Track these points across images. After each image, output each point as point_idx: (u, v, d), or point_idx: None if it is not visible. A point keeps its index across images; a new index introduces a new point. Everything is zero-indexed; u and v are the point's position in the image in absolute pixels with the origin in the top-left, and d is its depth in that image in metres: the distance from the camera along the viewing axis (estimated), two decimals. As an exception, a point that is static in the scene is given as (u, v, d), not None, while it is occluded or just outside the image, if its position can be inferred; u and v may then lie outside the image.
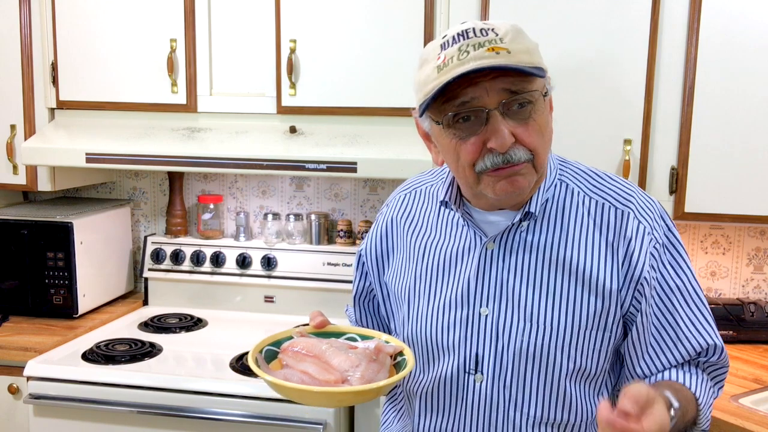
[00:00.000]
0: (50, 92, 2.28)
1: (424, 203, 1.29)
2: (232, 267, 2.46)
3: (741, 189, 1.95)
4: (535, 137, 1.07)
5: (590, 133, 1.97)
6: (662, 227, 1.17)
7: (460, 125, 1.07)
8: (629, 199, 1.16)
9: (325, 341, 1.08)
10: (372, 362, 1.04)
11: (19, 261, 2.30)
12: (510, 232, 1.16)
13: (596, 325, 1.13)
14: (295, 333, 1.12)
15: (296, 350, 1.07)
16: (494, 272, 1.16)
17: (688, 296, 1.16)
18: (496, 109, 1.04)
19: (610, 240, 1.14)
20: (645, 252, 1.13)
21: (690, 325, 1.16)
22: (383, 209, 1.36)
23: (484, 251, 1.17)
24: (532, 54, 1.06)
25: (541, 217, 1.16)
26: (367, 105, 2.09)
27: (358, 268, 1.37)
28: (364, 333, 1.15)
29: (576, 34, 1.95)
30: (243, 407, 1.82)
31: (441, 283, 1.21)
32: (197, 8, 2.17)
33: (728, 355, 1.22)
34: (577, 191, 1.18)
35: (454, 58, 1.03)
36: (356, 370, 1.01)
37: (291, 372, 1.03)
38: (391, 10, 2.05)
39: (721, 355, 1.18)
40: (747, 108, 1.92)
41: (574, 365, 1.14)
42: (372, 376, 1.01)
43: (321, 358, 1.04)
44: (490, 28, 1.05)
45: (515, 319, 1.14)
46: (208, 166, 2.10)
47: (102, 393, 1.88)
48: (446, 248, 1.22)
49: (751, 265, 2.32)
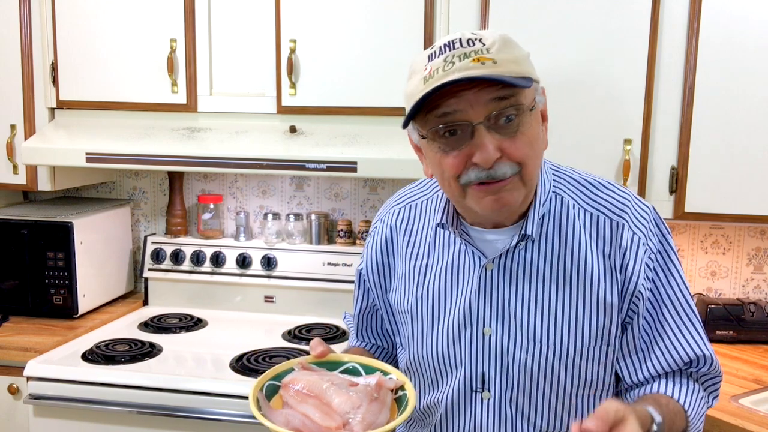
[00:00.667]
0: (50, 92, 2.28)
1: (420, 220, 1.27)
2: (232, 267, 2.46)
3: (741, 189, 1.94)
4: (524, 149, 1.04)
5: (590, 133, 1.97)
6: (656, 235, 1.16)
7: (446, 139, 1.05)
8: (624, 210, 1.15)
9: (326, 377, 1.06)
10: (373, 402, 1.02)
11: (19, 261, 2.30)
12: (508, 253, 1.15)
13: (599, 340, 1.13)
14: (296, 365, 1.10)
15: (297, 389, 1.05)
16: (495, 293, 1.15)
17: (679, 306, 1.15)
18: (482, 123, 1.02)
19: (607, 253, 1.13)
20: (640, 264, 1.12)
21: (679, 334, 1.14)
22: (377, 224, 1.33)
23: (484, 272, 1.16)
24: (520, 63, 1.03)
25: (538, 235, 1.15)
26: (367, 105, 2.09)
27: (359, 286, 1.35)
28: (365, 362, 1.12)
29: (576, 34, 1.94)
30: (243, 407, 1.81)
31: (442, 304, 1.20)
32: (197, 8, 2.17)
33: (720, 364, 1.20)
34: (572, 204, 1.16)
35: (440, 69, 1.01)
36: (357, 412, 1.00)
37: (293, 414, 1.01)
38: (391, 10, 2.04)
39: (712, 365, 1.16)
40: (747, 108, 1.91)
41: (579, 381, 1.14)
42: (373, 419, 0.99)
43: (322, 399, 1.02)
44: (477, 38, 1.03)
45: (518, 338, 1.14)
46: (208, 166, 2.10)
47: (102, 393, 1.88)
48: (446, 269, 1.20)
49: (751, 265, 2.32)
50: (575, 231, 1.14)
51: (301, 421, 0.99)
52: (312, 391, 1.03)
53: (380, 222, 1.33)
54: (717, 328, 2.13)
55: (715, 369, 1.17)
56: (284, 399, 1.05)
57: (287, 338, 2.21)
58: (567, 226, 1.15)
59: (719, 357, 1.99)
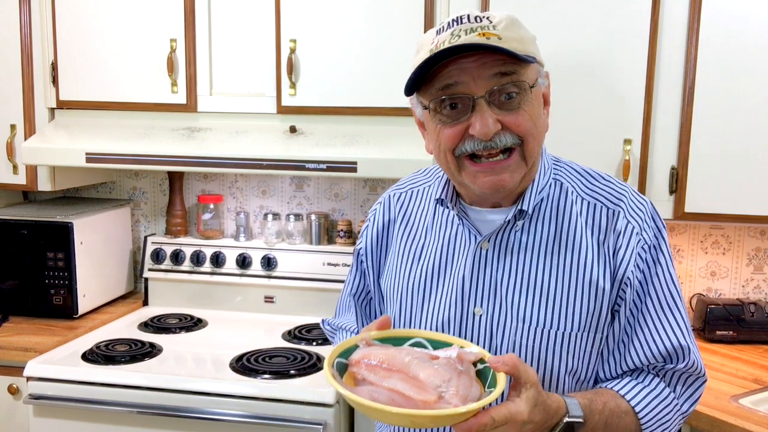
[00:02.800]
0: (50, 92, 2.28)
1: (419, 204, 1.28)
2: (232, 267, 2.46)
3: (741, 189, 1.94)
4: (525, 124, 1.06)
5: (590, 133, 1.97)
6: (652, 228, 1.16)
7: (447, 112, 1.06)
8: (621, 199, 1.16)
9: (403, 351, 1.00)
10: (462, 375, 0.96)
11: (19, 261, 2.30)
12: (504, 232, 1.15)
13: (588, 327, 1.13)
14: (360, 341, 1.05)
15: (374, 364, 0.98)
16: (488, 273, 1.15)
17: (663, 300, 1.14)
18: (483, 97, 1.04)
19: (601, 240, 1.14)
20: (631, 252, 1.12)
21: (659, 326, 1.13)
22: (376, 207, 1.35)
23: (479, 251, 1.16)
24: (525, 43, 1.05)
25: (535, 217, 1.16)
26: (367, 105, 2.09)
27: (356, 267, 1.36)
28: (431, 337, 1.08)
29: (576, 34, 1.94)
30: (243, 407, 1.81)
31: (435, 284, 1.20)
32: (197, 8, 2.17)
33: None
34: (571, 190, 1.17)
35: (446, 42, 1.03)
36: (448, 385, 0.93)
37: (376, 390, 0.94)
38: (391, 10, 2.05)
39: (689, 360, 1.13)
40: (747, 108, 1.91)
41: (564, 366, 1.14)
42: (466, 392, 0.93)
43: (407, 373, 0.95)
44: (485, 16, 1.06)
45: (508, 320, 1.14)
46: (208, 166, 2.10)
47: (102, 393, 1.88)
48: (441, 249, 1.21)
49: (751, 265, 2.32)
50: (572, 216, 1.15)
51: (388, 396, 0.93)
52: (393, 365, 0.97)
53: (379, 205, 1.34)
54: (717, 328, 2.13)
55: (693, 367, 1.14)
56: (358, 376, 0.99)
57: (287, 338, 2.21)
58: (564, 211, 1.16)
59: (719, 357, 2.01)
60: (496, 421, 0.90)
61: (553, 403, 1.00)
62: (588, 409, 1.04)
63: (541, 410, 0.97)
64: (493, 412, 0.90)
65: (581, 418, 1.02)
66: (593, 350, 1.15)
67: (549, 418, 0.99)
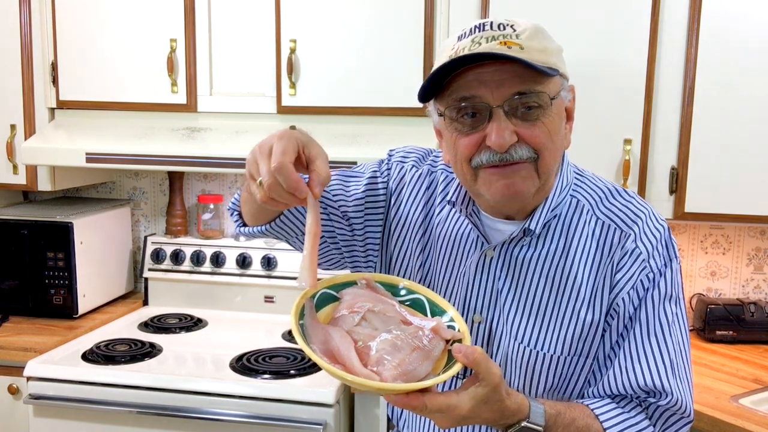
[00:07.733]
0: (50, 92, 2.28)
1: (440, 195, 1.22)
2: (232, 267, 2.46)
3: (741, 189, 1.94)
4: (542, 137, 1.02)
5: (590, 133, 1.97)
6: (663, 257, 1.11)
7: (463, 120, 1.04)
8: (636, 221, 1.11)
9: (381, 305, 0.98)
10: (417, 350, 0.93)
11: (19, 261, 2.30)
12: (510, 245, 1.13)
13: (578, 352, 1.11)
14: (361, 279, 1.02)
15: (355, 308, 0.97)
16: (490, 282, 1.14)
17: (651, 330, 1.08)
18: (500, 107, 1.01)
19: (606, 261, 1.10)
20: (630, 276, 1.09)
21: (642, 359, 1.07)
22: (424, 167, 1.24)
23: (483, 258, 1.15)
24: (549, 54, 1.02)
25: (544, 234, 1.13)
26: (367, 105, 2.09)
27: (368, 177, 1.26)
28: (437, 301, 1.03)
29: (576, 34, 1.94)
30: (243, 407, 1.81)
31: (442, 280, 1.19)
32: (197, 8, 2.17)
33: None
34: (587, 209, 1.13)
35: (466, 48, 1.00)
36: (393, 356, 0.91)
37: (332, 339, 0.94)
38: (391, 10, 2.04)
39: (672, 398, 1.07)
40: (747, 108, 1.91)
41: (551, 386, 1.12)
42: (410, 368, 0.91)
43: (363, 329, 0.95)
44: (509, 24, 1.02)
45: (503, 333, 1.13)
46: (208, 166, 2.10)
47: (102, 393, 1.88)
48: (452, 245, 1.18)
49: (751, 265, 2.32)
50: (582, 236, 1.12)
51: (336, 346, 0.93)
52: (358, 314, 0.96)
53: (415, 168, 1.25)
54: (717, 328, 2.13)
55: (677, 406, 1.08)
56: (336, 314, 0.98)
57: (287, 338, 2.20)
58: (576, 230, 1.12)
59: (719, 357, 2.01)
60: (428, 408, 0.89)
61: (512, 404, 0.97)
62: (553, 420, 1.01)
63: (494, 409, 0.94)
64: (428, 398, 0.89)
65: (542, 427, 0.99)
66: (581, 374, 1.12)
67: (503, 417, 0.96)
